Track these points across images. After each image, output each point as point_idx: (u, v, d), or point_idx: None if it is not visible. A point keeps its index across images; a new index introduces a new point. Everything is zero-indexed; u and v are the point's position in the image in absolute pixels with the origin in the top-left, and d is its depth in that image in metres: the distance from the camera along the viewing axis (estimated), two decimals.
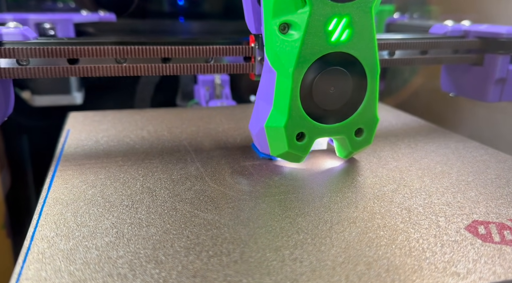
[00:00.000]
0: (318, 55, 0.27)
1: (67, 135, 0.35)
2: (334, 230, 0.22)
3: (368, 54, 0.28)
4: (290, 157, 0.29)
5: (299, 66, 0.26)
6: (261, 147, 0.29)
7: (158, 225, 0.22)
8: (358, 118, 0.29)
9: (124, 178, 0.28)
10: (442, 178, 0.29)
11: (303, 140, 0.28)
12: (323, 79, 0.27)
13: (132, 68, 0.30)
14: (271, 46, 0.27)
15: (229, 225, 0.22)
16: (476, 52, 0.37)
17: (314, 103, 0.28)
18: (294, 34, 0.26)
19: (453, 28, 0.39)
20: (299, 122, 0.28)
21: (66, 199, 0.25)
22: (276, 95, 0.27)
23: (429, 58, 0.36)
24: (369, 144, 0.30)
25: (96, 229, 0.22)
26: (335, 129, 0.29)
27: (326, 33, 0.26)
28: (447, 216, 0.24)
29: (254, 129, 0.29)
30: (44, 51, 0.28)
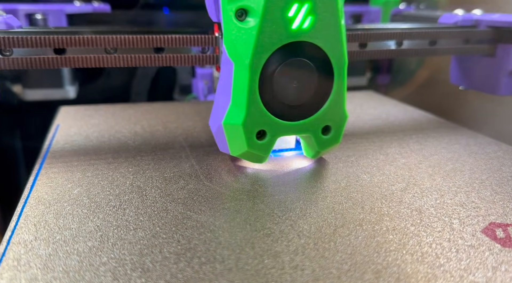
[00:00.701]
0: (278, 44, 0.24)
1: (56, 131, 0.34)
2: (338, 233, 0.20)
3: (334, 44, 0.25)
4: (250, 157, 0.26)
5: (257, 56, 0.24)
6: (221, 146, 0.27)
7: (146, 228, 0.20)
8: (324, 114, 0.26)
9: (113, 176, 0.26)
10: (454, 176, 0.27)
11: (264, 139, 0.26)
12: (285, 71, 0.25)
13: (123, 59, 0.28)
14: (228, 35, 0.24)
15: (224, 228, 0.20)
16: (488, 43, 0.35)
17: (275, 98, 0.25)
18: (251, 21, 0.23)
19: (463, 17, 0.37)
20: (259, 119, 0.25)
21: (49, 199, 0.23)
22: (234, 89, 0.24)
23: (439, 48, 0.34)
24: (337, 143, 0.28)
25: (79, 232, 0.20)
26: (299, 126, 0.26)
27: (286, 20, 0.24)
28: (461, 217, 0.22)
29: (214, 126, 0.27)
30: (28, 40, 0.26)
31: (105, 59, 0.28)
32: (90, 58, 0.28)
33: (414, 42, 0.33)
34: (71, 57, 0.27)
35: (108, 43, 0.28)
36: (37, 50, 0.27)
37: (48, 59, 0.27)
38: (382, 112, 0.41)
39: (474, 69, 0.38)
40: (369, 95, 0.48)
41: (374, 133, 0.34)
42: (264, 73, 0.24)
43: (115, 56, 0.28)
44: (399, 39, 0.32)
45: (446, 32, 0.34)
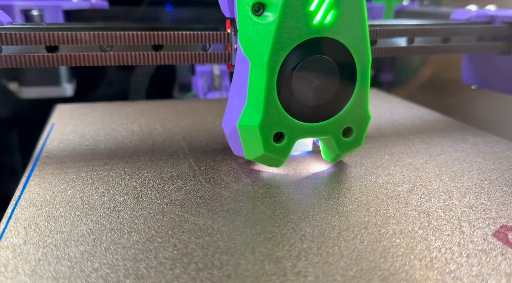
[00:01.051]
0: (298, 41, 0.23)
1: (51, 129, 0.33)
2: (343, 237, 0.19)
3: (358, 40, 0.24)
4: (267, 161, 0.25)
5: (276, 54, 0.22)
6: (235, 149, 0.25)
7: (141, 231, 0.19)
8: (346, 115, 0.25)
9: (108, 176, 0.25)
10: (462, 177, 0.26)
11: (281, 141, 0.24)
12: (305, 69, 0.23)
13: (120, 57, 0.27)
14: (243, 31, 0.23)
15: (222, 232, 0.20)
16: (503, 40, 0.34)
17: (294, 98, 0.24)
18: (269, 16, 0.22)
19: (477, 13, 0.35)
20: (277, 120, 0.24)
21: (41, 201, 0.22)
22: (250, 88, 0.23)
23: (452, 46, 0.33)
24: (359, 146, 0.26)
25: (70, 236, 0.19)
26: (319, 128, 0.25)
27: (307, 14, 0.22)
28: (471, 220, 0.21)
29: (227, 128, 0.25)
30: (18, 37, 0.25)
31: (101, 57, 0.27)
32: (85, 56, 0.26)
33: (426, 39, 0.32)
34: (64, 55, 0.26)
35: (103, 40, 0.26)
36: (28, 47, 0.26)
37: (40, 57, 0.26)
38: (386, 110, 0.40)
39: (488, 68, 0.36)
40: (372, 92, 0.46)
41: (378, 132, 0.33)
42: (283, 71, 0.23)
43: (111, 54, 0.27)
44: (411, 36, 0.31)
45: (459, 29, 0.32)
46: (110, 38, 0.26)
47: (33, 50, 0.26)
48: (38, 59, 0.26)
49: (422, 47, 0.32)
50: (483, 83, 0.37)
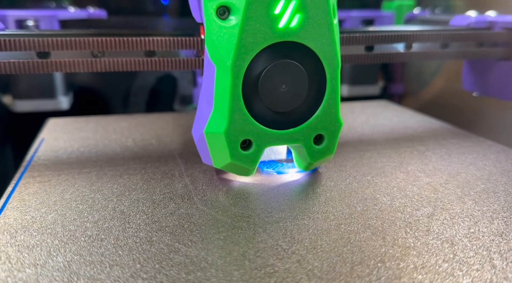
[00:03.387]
0: (263, 44, 0.22)
1: (40, 145, 0.30)
2: (356, 272, 0.17)
3: (326, 44, 0.23)
4: (235, 170, 0.24)
5: (240, 58, 0.21)
6: (204, 157, 0.24)
7: (125, 265, 0.17)
8: (317, 122, 0.24)
9: (94, 198, 0.23)
10: (487, 199, 0.23)
11: (249, 149, 0.23)
12: (272, 74, 0.22)
13: (112, 63, 0.26)
14: (209, 35, 0.22)
15: (217, 265, 0.17)
16: (504, 45, 0.33)
17: (261, 104, 0.23)
18: (233, 19, 0.21)
19: (476, 19, 0.34)
20: (243, 127, 0.23)
21: (17, 227, 0.20)
22: (216, 94, 0.22)
23: (451, 52, 0.32)
24: (331, 154, 0.25)
25: (44, 271, 0.17)
26: (288, 135, 0.24)
27: (272, 18, 0.21)
28: (502, 251, 0.18)
29: (196, 135, 0.24)
30: (9, 43, 0.24)
31: (92, 63, 0.26)
32: (76, 62, 0.26)
33: (424, 45, 0.31)
34: (55, 61, 0.25)
35: (95, 46, 0.25)
36: (19, 53, 0.25)
37: (31, 63, 0.25)
38: (398, 124, 0.37)
39: (489, 74, 0.35)
40: (382, 104, 0.44)
41: (391, 148, 0.31)
42: (248, 76, 0.22)
43: (103, 60, 0.26)
44: (408, 42, 0.30)
45: (458, 35, 0.31)
46: (101, 44, 0.25)
47: (25, 56, 0.25)
48: (29, 65, 0.25)
49: (421, 53, 0.31)
50: (484, 90, 0.36)
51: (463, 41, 0.32)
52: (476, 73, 0.36)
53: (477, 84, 0.36)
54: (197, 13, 0.23)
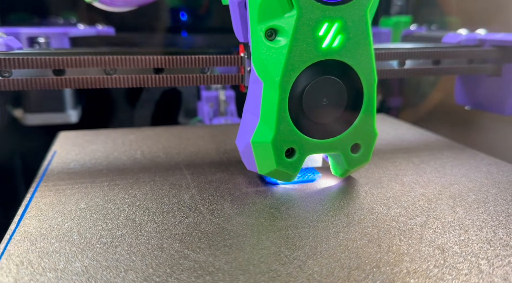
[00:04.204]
0: (308, 63, 0.24)
1: (52, 157, 0.32)
2: (353, 277, 0.18)
3: (364, 62, 0.25)
4: (279, 176, 0.26)
5: (287, 75, 0.24)
6: (248, 164, 0.26)
7: (138, 269, 0.18)
8: (354, 132, 0.26)
9: (107, 208, 0.24)
10: (477, 209, 0.24)
11: (293, 157, 0.25)
12: (314, 89, 0.25)
13: (123, 79, 0.28)
14: (257, 54, 0.24)
15: (224, 270, 0.18)
16: (493, 62, 0.35)
17: (305, 116, 0.25)
18: (281, 41, 0.23)
19: (467, 37, 0.36)
20: (289, 137, 0.25)
21: (37, 235, 0.21)
22: (263, 107, 0.24)
23: (442, 68, 0.33)
24: (367, 162, 0.27)
25: (64, 274, 0.18)
26: (328, 144, 0.26)
27: (316, 39, 0.24)
28: (489, 257, 0.20)
29: (241, 144, 0.26)
30: (28, 61, 0.26)
31: (105, 79, 0.28)
32: (90, 79, 0.27)
33: (417, 62, 0.33)
34: (70, 78, 0.27)
35: (107, 64, 0.27)
36: (36, 71, 0.27)
37: (47, 80, 0.27)
38: (395, 137, 0.39)
39: (480, 89, 0.37)
40: (380, 118, 0.46)
41: (388, 160, 0.32)
42: (294, 91, 0.24)
43: (114, 77, 0.28)
44: (402, 59, 0.32)
45: (450, 52, 0.33)
46: (113, 62, 0.27)
47: (41, 73, 0.27)
48: (45, 82, 0.27)
49: (413, 70, 0.33)
50: (475, 104, 0.38)
51: (455, 58, 0.34)
52: (467, 88, 0.38)
53: (469, 98, 0.38)
54: (240, 33, 0.25)
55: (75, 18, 0.53)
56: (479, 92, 0.37)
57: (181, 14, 0.55)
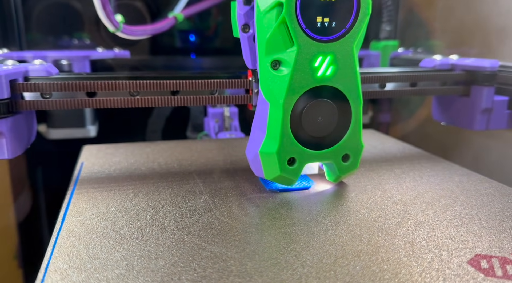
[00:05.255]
0: (306, 88, 0.29)
1: (81, 168, 0.37)
2: (338, 263, 0.23)
3: (352, 87, 0.30)
4: (282, 180, 0.31)
5: (289, 98, 0.29)
6: (256, 171, 0.31)
7: (166, 257, 0.23)
8: (344, 144, 0.31)
9: (135, 210, 0.29)
10: (446, 211, 0.29)
11: (294, 165, 0.30)
12: (311, 109, 0.30)
13: (144, 100, 0.33)
14: (264, 80, 0.29)
15: (235, 258, 0.23)
16: (463, 84, 0.40)
17: (303, 131, 0.30)
18: (284, 70, 0.29)
19: (441, 62, 0.41)
20: (290, 148, 0.30)
21: (79, 232, 0.26)
22: (269, 124, 0.29)
23: (419, 89, 0.38)
24: (355, 169, 0.32)
25: (107, 262, 0.22)
26: (323, 154, 0.31)
27: (313, 69, 0.29)
28: (449, 249, 0.24)
29: (250, 154, 0.31)
30: (66, 85, 0.31)
31: (130, 100, 0.32)
32: (117, 100, 0.32)
33: (396, 84, 0.38)
34: (101, 99, 0.32)
35: (132, 87, 0.32)
36: (72, 93, 0.32)
37: (81, 101, 0.32)
38: (381, 150, 0.43)
39: (452, 107, 0.42)
40: (370, 133, 0.50)
41: (373, 171, 0.37)
42: (294, 111, 0.29)
43: (138, 98, 0.32)
44: (382, 82, 0.37)
45: (425, 75, 0.38)
46: (136, 85, 0.32)
47: (76, 95, 0.32)
48: (80, 103, 0.32)
49: (393, 91, 0.38)
50: (449, 120, 0.43)
51: (430, 81, 0.39)
52: (442, 106, 0.43)
53: (444, 115, 0.43)
54: (249, 61, 0.31)
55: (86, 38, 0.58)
56: (452, 110, 0.42)
57: (190, 36, 0.60)
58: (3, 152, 0.31)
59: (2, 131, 0.30)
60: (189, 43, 0.60)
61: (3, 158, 0.31)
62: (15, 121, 0.31)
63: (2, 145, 0.30)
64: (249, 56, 0.31)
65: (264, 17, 0.28)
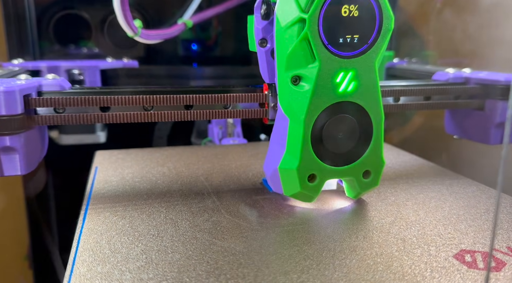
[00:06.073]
0: (327, 104, 0.29)
1: (96, 172, 0.39)
2: (336, 257, 0.25)
3: (373, 103, 0.30)
4: (302, 197, 0.31)
5: (310, 114, 0.29)
6: (275, 187, 0.32)
7: (181, 251, 0.25)
8: (365, 161, 0.31)
9: (149, 210, 0.31)
10: (435, 212, 0.32)
11: (314, 181, 0.30)
12: (332, 125, 0.30)
13: (159, 115, 0.33)
14: (284, 96, 0.29)
15: (243, 252, 0.25)
16: (477, 98, 0.39)
17: (324, 147, 0.30)
18: (305, 86, 0.29)
19: (454, 75, 0.41)
20: (311, 164, 0.30)
21: (100, 229, 0.28)
22: (289, 139, 0.29)
23: (433, 103, 0.38)
24: (376, 186, 0.32)
25: (128, 255, 0.25)
26: (344, 171, 0.31)
27: (334, 84, 0.29)
28: (437, 245, 0.27)
29: (269, 170, 0.32)
30: (79, 100, 0.31)
31: (144, 115, 0.32)
32: (131, 115, 0.32)
33: (410, 98, 0.38)
34: (115, 114, 0.32)
35: (146, 102, 0.32)
36: (85, 108, 0.32)
37: (94, 115, 0.32)
38: None
39: (466, 121, 0.42)
40: None
41: None
42: (315, 127, 0.29)
43: (151, 113, 0.32)
44: (397, 96, 0.37)
45: (439, 89, 0.38)
46: (151, 100, 0.32)
47: (90, 110, 0.32)
48: (93, 117, 0.32)
49: (408, 105, 0.38)
50: (462, 134, 0.43)
51: (443, 94, 0.39)
52: (456, 120, 0.43)
53: (457, 129, 0.43)
54: (266, 75, 0.31)
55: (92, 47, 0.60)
56: (466, 124, 0.42)
57: (192, 45, 0.63)
58: (16, 168, 0.30)
59: (16, 147, 0.30)
60: (191, 52, 0.62)
61: (16, 174, 0.31)
62: (28, 137, 0.31)
63: (16, 161, 0.30)
64: (267, 71, 0.31)
65: (285, 32, 0.28)
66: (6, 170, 0.30)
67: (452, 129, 0.44)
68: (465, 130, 0.42)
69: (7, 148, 0.30)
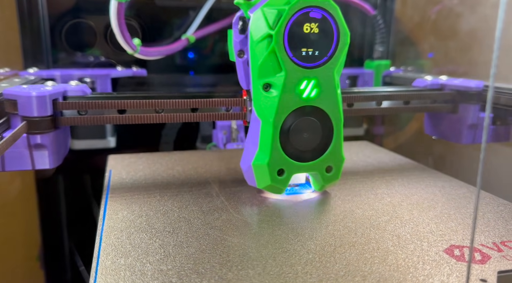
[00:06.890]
0: (293, 108, 0.33)
1: (110, 175, 0.42)
2: (337, 251, 0.27)
3: (333, 107, 0.34)
4: (272, 189, 0.35)
5: (278, 116, 0.33)
6: (250, 180, 0.35)
7: (195, 246, 0.28)
8: (327, 157, 0.35)
9: (164, 209, 0.33)
10: (428, 211, 0.34)
11: (283, 175, 0.34)
12: (298, 126, 0.34)
13: (168, 116, 0.37)
14: (257, 101, 0.33)
15: (252, 247, 0.28)
16: (451, 102, 0.45)
17: (291, 145, 0.34)
18: (274, 92, 0.33)
19: (432, 82, 0.46)
20: (279, 160, 0.34)
21: (120, 227, 0.30)
22: (261, 139, 0.33)
23: (412, 107, 0.43)
24: (337, 179, 0.36)
25: (147, 249, 0.27)
26: (309, 166, 0.35)
27: (299, 91, 0.33)
28: (429, 241, 0.29)
29: (244, 166, 0.36)
30: (100, 103, 0.36)
31: (155, 117, 0.37)
32: (144, 116, 0.37)
33: (392, 102, 0.43)
34: (130, 116, 0.36)
35: (157, 105, 0.36)
36: (104, 110, 0.36)
37: (112, 117, 0.36)
38: (374, 160, 0.48)
39: (442, 123, 0.47)
40: (364, 144, 0.56)
41: (367, 177, 0.42)
42: (283, 127, 0.34)
43: (162, 115, 0.37)
44: (379, 100, 0.42)
45: (417, 94, 0.43)
46: (162, 104, 0.36)
47: (108, 112, 0.36)
48: (111, 119, 0.36)
49: (389, 108, 0.43)
50: (440, 134, 0.48)
51: (421, 99, 0.44)
52: (433, 122, 0.48)
53: (435, 130, 0.48)
54: (243, 82, 0.35)
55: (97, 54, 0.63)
56: (442, 125, 0.47)
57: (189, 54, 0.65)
58: (45, 162, 0.35)
59: (46, 144, 0.35)
60: (188, 61, 0.65)
61: (45, 168, 0.36)
62: (56, 135, 0.36)
63: (45, 156, 0.35)
64: (244, 78, 0.34)
65: (257, 45, 0.32)
66: (37, 164, 0.35)
67: (430, 130, 0.49)
68: (441, 131, 0.47)
69: (38, 145, 0.34)
